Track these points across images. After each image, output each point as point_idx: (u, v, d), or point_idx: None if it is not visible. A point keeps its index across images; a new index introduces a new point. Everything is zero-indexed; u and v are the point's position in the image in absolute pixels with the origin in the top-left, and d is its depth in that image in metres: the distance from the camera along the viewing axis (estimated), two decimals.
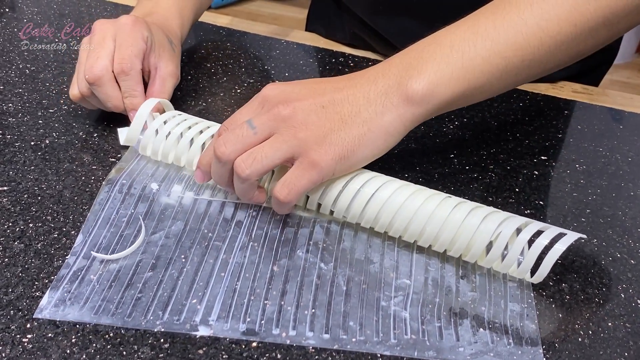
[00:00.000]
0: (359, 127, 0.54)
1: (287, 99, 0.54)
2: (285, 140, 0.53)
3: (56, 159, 0.64)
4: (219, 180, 0.57)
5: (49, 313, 0.50)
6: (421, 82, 0.53)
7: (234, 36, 0.88)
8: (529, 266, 0.52)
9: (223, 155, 0.54)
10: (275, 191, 0.54)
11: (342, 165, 0.54)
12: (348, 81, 0.56)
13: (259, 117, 0.54)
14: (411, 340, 0.50)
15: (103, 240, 0.56)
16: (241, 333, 0.49)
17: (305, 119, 0.53)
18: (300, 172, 0.53)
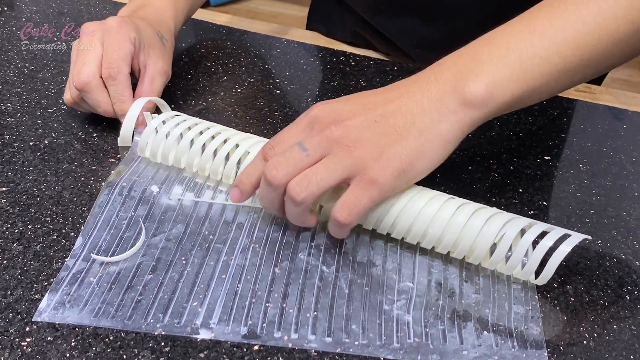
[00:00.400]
0: (415, 138, 0.51)
1: (338, 119, 0.52)
2: (341, 161, 0.51)
3: (55, 160, 0.64)
4: (268, 205, 0.55)
5: (48, 316, 0.49)
6: (479, 84, 0.51)
7: (234, 35, 0.88)
8: (534, 268, 0.52)
9: (274, 180, 0.52)
10: (335, 213, 0.51)
11: (402, 180, 0.52)
12: (398, 90, 0.54)
13: (310, 139, 0.52)
14: (414, 344, 0.49)
15: (103, 242, 0.55)
16: (242, 336, 0.49)
17: (359, 137, 0.51)
18: (359, 192, 0.51)
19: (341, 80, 0.79)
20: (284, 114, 0.73)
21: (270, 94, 0.76)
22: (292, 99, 0.75)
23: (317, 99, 0.75)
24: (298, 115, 0.71)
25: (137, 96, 0.67)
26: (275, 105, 0.74)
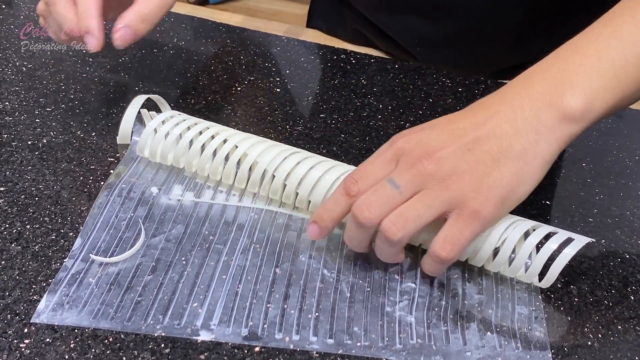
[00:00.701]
0: (513, 163, 0.48)
1: (428, 151, 0.49)
2: (438, 196, 0.48)
3: (54, 159, 0.63)
4: (357, 246, 0.52)
5: (47, 317, 0.49)
6: (577, 97, 0.48)
7: (234, 33, 0.87)
8: (537, 271, 0.51)
9: (367, 221, 0.49)
10: (437, 249, 0.48)
11: (504, 209, 0.49)
12: (486, 112, 0.50)
13: (401, 175, 0.49)
14: (417, 345, 0.49)
15: (102, 243, 0.55)
16: (243, 338, 0.48)
17: (454, 168, 0.48)
18: (462, 225, 0.48)
19: (342, 79, 0.78)
20: (285, 112, 0.72)
21: (270, 93, 0.75)
22: (293, 97, 0.75)
23: (318, 97, 0.75)
24: (298, 113, 0.72)
25: (133, 11, 0.61)
26: (276, 103, 0.73)
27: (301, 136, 0.69)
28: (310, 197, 0.56)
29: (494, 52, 0.85)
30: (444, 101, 0.75)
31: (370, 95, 0.76)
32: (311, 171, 0.56)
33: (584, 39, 0.51)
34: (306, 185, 0.55)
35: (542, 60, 0.52)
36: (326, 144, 0.67)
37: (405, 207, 0.48)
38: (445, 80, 0.79)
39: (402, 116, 0.72)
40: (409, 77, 0.79)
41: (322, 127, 0.70)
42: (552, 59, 0.51)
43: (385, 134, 0.69)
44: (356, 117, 0.72)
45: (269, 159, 0.57)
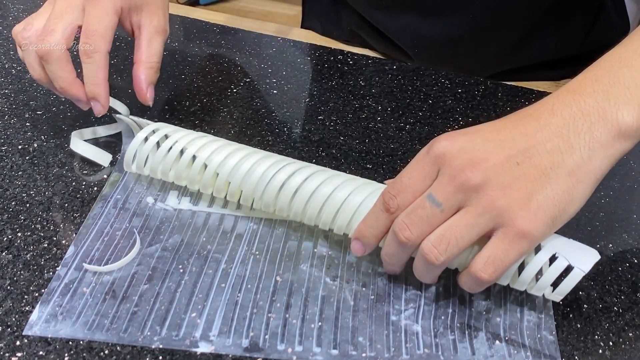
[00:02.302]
0: (565, 180, 0.45)
1: (472, 161, 0.45)
2: (482, 214, 0.45)
3: (45, 164, 0.61)
4: (396, 263, 0.50)
5: (40, 329, 0.47)
6: (633, 113, 0.45)
7: (228, 34, 0.85)
8: (546, 286, 0.49)
9: (409, 242, 0.47)
10: (478, 270, 0.46)
11: (553, 228, 0.46)
12: (535, 123, 0.47)
13: (442, 189, 0.46)
14: (424, 355, 0.47)
15: (96, 252, 0.53)
16: (244, 349, 0.47)
17: (501, 183, 0.45)
18: (506, 246, 0.45)
19: (339, 80, 0.77)
20: (282, 114, 0.70)
21: (267, 94, 0.74)
22: (290, 99, 0.73)
23: (315, 98, 0.73)
24: (296, 115, 0.70)
25: (137, 61, 0.62)
26: (273, 105, 0.72)
27: (299, 139, 0.67)
28: (305, 212, 0.53)
29: (494, 54, 0.83)
30: (444, 102, 0.74)
31: (369, 96, 0.74)
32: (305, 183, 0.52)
33: (628, 50, 0.48)
34: (299, 200, 0.53)
35: (587, 71, 0.48)
36: (325, 146, 0.66)
37: (447, 228, 0.46)
38: (445, 82, 0.78)
39: (401, 118, 0.71)
40: (407, 78, 0.78)
41: (320, 130, 0.68)
42: (598, 70, 0.48)
43: (385, 136, 0.68)
44: (355, 118, 0.70)
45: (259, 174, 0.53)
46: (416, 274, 0.50)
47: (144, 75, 0.62)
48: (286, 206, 0.53)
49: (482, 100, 0.75)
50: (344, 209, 0.51)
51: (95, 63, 0.58)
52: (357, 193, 0.52)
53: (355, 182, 0.53)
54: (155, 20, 0.63)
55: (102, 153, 0.63)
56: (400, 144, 0.67)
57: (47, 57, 0.57)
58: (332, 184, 0.52)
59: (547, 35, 0.81)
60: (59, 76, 0.58)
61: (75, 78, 0.59)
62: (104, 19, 0.58)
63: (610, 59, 0.48)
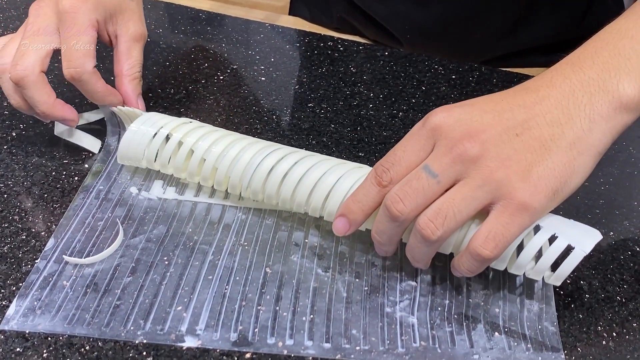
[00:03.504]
0: (566, 152, 0.43)
1: (470, 132, 0.44)
2: (480, 186, 0.43)
3: (24, 153, 0.59)
4: (387, 242, 0.48)
5: (17, 324, 0.45)
6: (634, 84, 0.44)
7: (214, 20, 0.83)
8: (545, 268, 0.47)
9: (401, 215, 0.44)
10: (478, 247, 0.44)
11: (555, 202, 0.44)
12: (534, 95, 0.45)
13: (438, 161, 0.44)
14: (421, 348, 0.45)
15: (77, 243, 0.51)
16: (232, 343, 0.45)
17: (500, 154, 0.43)
18: (507, 219, 0.43)
19: (330, 67, 0.74)
20: (270, 102, 0.68)
21: (254, 82, 0.71)
22: (279, 86, 0.71)
23: (305, 86, 0.71)
24: (285, 103, 0.68)
25: (118, 75, 0.60)
26: (261, 92, 0.70)
27: (289, 127, 0.65)
28: (293, 198, 0.51)
29: (487, 39, 0.81)
30: (438, 89, 0.72)
31: (360, 83, 0.72)
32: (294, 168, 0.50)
33: (629, 22, 0.47)
34: (288, 186, 0.51)
35: (587, 44, 0.47)
36: (315, 134, 0.64)
37: (444, 200, 0.44)
38: (438, 68, 0.75)
39: (394, 105, 0.69)
40: (399, 65, 0.75)
41: (310, 117, 0.66)
42: (598, 42, 0.47)
43: (377, 124, 0.66)
44: (346, 106, 0.68)
45: (247, 160, 0.51)
46: (409, 254, 0.47)
47: (129, 89, 0.60)
48: (274, 193, 0.51)
49: (477, 86, 0.73)
50: (334, 194, 0.49)
51: (89, 82, 0.56)
52: (347, 177, 0.49)
53: (345, 166, 0.51)
54: (131, 28, 0.61)
55: (92, 139, 0.60)
56: (393, 131, 0.65)
57: (22, 82, 0.54)
58: (321, 168, 0.50)
59: (541, 20, 0.80)
60: (37, 101, 0.55)
61: (55, 99, 0.56)
62: (82, 36, 0.56)
63: (610, 30, 0.47)
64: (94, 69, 0.56)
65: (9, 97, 0.57)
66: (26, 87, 0.54)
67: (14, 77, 0.54)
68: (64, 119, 0.57)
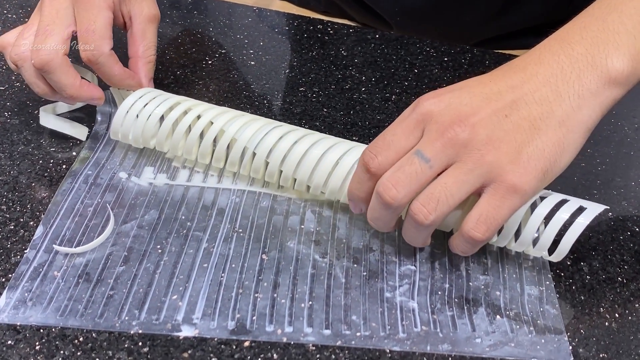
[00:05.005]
0: (555, 130, 0.43)
1: (459, 116, 0.43)
2: (472, 169, 0.43)
3: (9, 142, 0.57)
4: (383, 227, 0.47)
5: (8, 316, 0.44)
6: (623, 58, 0.43)
7: (201, 4, 0.81)
8: (548, 243, 0.47)
9: (394, 201, 0.44)
10: (470, 229, 0.44)
11: (545, 181, 0.44)
12: (522, 74, 0.45)
13: (430, 146, 0.43)
14: (422, 333, 0.44)
15: (67, 231, 0.49)
16: (230, 332, 0.44)
17: (490, 137, 0.43)
18: (498, 202, 0.43)
19: (320, 50, 0.73)
20: (261, 86, 0.67)
21: (244, 66, 0.70)
22: (269, 70, 0.69)
23: (296, 69, 0.70)
24: (276, 87, 0.67)
25: (133, 56, 0.59)
26: (251, 77, 0.68)
27: (281, 111, 0.64)
28: (295, 174, 0.51)
29: (478, 20, 0.81)
30: (430, 72, 0.71)
31: (352, 66, 0.71)
32: (296, 146, 0.51)
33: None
34: (291, 161, 0.51)
35: (576, 19, 0.47)
36: (308, 118, 0.63)
37: (436, 185, 0.43)
38: (430, 50, 0.74)
39: (387, 88, 0.68)
40: (391, 47, 0.74)
41: (302, 101, 0.65)
42: (587, 18, 0.46)
43: (370, 107, 0.65)
44: (338, 89, 0.67)
45: (249, 135, 0.51)
46: (405, 237, 0.47)
47: (143, 71, 0.60)
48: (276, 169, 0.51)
49: (470, 68, 0.72)
50: (336, 172, 0.49)
51: (105, 65, 0.56)
52: (350, 154, 0.50)
53: (346, 144, 0.51)
54: (145, 8, 0.60)
55: (78, 126, 0.59)
56: (386, 114, 0.64)
57: (47, 67, 0.53)
58: (323, 145, 0.50)
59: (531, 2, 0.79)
60: (64, 84, 0.54)
61: (81, 80, 0.56)
62: (98, 17, 0.55)
63: (599, 5, 0.46)
64: (111, 51, 0.56)
65: (32, 85, 0.55)
66: (51, 71, 0.53)
67: (37, 63, 0.53)
68: (91, 98, 0.57)
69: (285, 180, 0.52)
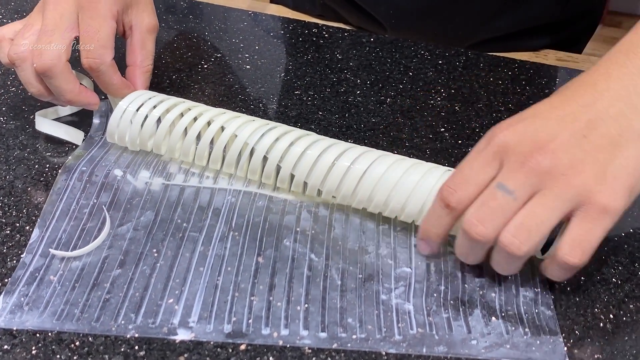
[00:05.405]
0: (635, 144, 0.43)
1: (538, 144, 0.43)
2: (559, 195, 0.42)
3: (5, 146, 0.57)
4: (473, 260, 0.47)
5: (4, 321, 0.44)
6: None
7: (196, 8, 0.82)
8: None
9: (482, 237, 0.43)
10: (565, 255, 0.43)
11: (632, 197, 0.43)
12: (592, 91, 0.44)
13: (512, 177, 0.43)
14: (418, 335, 0.44)
15: (62, 234, 0.49)
16: (226, 335, 0.44)
17: (572, 160, 0.42)
18: (590, 224, 0.42)
19: (315, 54, 0.73)
20: (257, 90, 0.67)
21: (239, 70, 0.70)
22: (264, 74, 0.70)
23: (291, 73, 0.70)
24: (271, 91, 0.67)
25: (131, 65, 0.60)
26: (246, 81, 0.68)
27: (276, 114, 0.64)
28: (293, 172, 0.51)
29: (473, 22, 0.81)
30: (425, 74, 0.71)
31: (347, 70, 0.71)
32: (293, 146, 0.51)
33: None
34: (288, 161, 0.51)
35: (634, 31, 0.46)
36: (304, 122, 0.63)
37: (525, 214, 0.43)
38: (424, 53, 0.75)
39: (381, 91, 0.68)
40: (385, 51, 0.75)
41: (297, 105, 0.65)
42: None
43: (365, 110, 0.65)
44: (333, 93, 0.67)
45: (245, 135, 0.52)
46: (497, 268, 0.46)
47: (140, 80, 0.60)
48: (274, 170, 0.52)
49: (464, 71, 0.72)
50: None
51: (106, 73, 0.57)
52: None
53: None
54: (146, 19, 0.61)
55: (74, 131, 0.59)
56: (381, 117, 0.64)
57: (49, 72, 0.54)
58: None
59: (526, 2, 0.79)
60: (64, 90, 0.55)
61: (80, 86, 0.56)
62: (103, 27, 0.56)
63: None
64: (112, 60, 0.56)
65: (28, 85, 0.56)
66: (53, 76, 0.54)
67: (40, 67, 0.53)
68: (88, 104, 0.57)
69: (282, 181, 0.52)
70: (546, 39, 0.83)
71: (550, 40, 0.83)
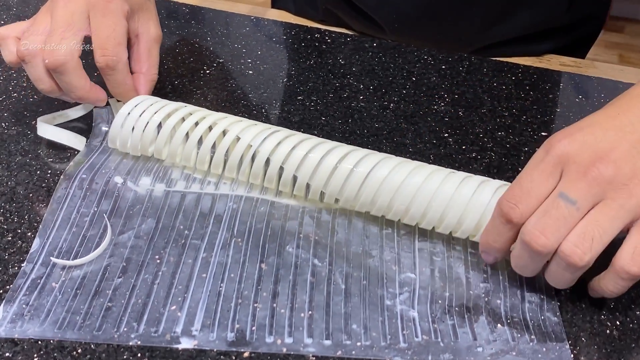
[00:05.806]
0: None
1: (599, 153, 0.43)
2: (622, 204, 0.42)
3: (7, 152, 0.57)
4: (530, 273, 0.46)
5: (5, 330, 0.43)
6: None
7: (198, 14, 0.81)
8: None
9: (544, 249, 0.43)
10: (626, 265, 0.42)
11: None
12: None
13: (574, 187, 0.42)
14: (423, 342, 0.44)
15: (64, 243, 0.49)
16: (230, 343, 0.43)
17: (634, 170, 0.42)
18: None
19: (318, 59, 0.73)
20: (259, 95, 0.67)
21: (242, 75, 0.70)
22: (267, 79, 0.69)
23: (294, 78, 0.70)
24: (274, 96, 0.67)
25: (137, 72, 0.60)
26: (249, 86, 0.68)
27: (279, 120, 0.63)
28: (296, 174, 0.51)
29: (476, 27, 0.80)
30: (428, 79, 0.71)
31: (350, 75, 0.71)
32: (295, 149, 0.51)
33: None
34: (291, 163, 0.51)
35: None
36: (306, 127, 0.62)
37: (588, 223, 0.42)
38: (428, 58, 0.74)
39: (385, 96, 0.68)
40: (388, 56, 0.74)
41: (300, 110, 0.65)
42: None
43: (368, 116, 0.64)
44: (336, 98, 0.67)
45: (248, 138, 0.51)
46: (552, 280, 0.46)
47: (145, 88, 0.61)
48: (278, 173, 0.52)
49: (468, 76, 0.72)
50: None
51: (121, 72, 0.57)
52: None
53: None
54: (152, 28, 0.62)
55: (76, 137, 0.59)
56: (385, 123, 0.64)
57: (62, 68, 0.54)
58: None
59: (528, 7, 0.79)
60: (75, 86, 0.56)
61: (91, 83, 0.57)
62: (116, 25, 0.56)
63: None
64: (127, 60, 0.57)
65: (38, 82, 0.56)
66: (65, 72, 0.54)
67: (52, 63, 0.54)
68: (97, 100, 0.58)
69: (285, 184, 0.52)
70: (550, 44, 0.83)
71: (553, 45, 0.82)
